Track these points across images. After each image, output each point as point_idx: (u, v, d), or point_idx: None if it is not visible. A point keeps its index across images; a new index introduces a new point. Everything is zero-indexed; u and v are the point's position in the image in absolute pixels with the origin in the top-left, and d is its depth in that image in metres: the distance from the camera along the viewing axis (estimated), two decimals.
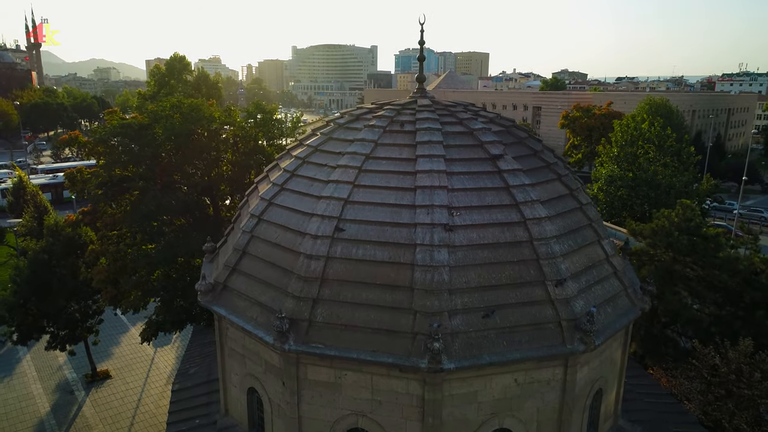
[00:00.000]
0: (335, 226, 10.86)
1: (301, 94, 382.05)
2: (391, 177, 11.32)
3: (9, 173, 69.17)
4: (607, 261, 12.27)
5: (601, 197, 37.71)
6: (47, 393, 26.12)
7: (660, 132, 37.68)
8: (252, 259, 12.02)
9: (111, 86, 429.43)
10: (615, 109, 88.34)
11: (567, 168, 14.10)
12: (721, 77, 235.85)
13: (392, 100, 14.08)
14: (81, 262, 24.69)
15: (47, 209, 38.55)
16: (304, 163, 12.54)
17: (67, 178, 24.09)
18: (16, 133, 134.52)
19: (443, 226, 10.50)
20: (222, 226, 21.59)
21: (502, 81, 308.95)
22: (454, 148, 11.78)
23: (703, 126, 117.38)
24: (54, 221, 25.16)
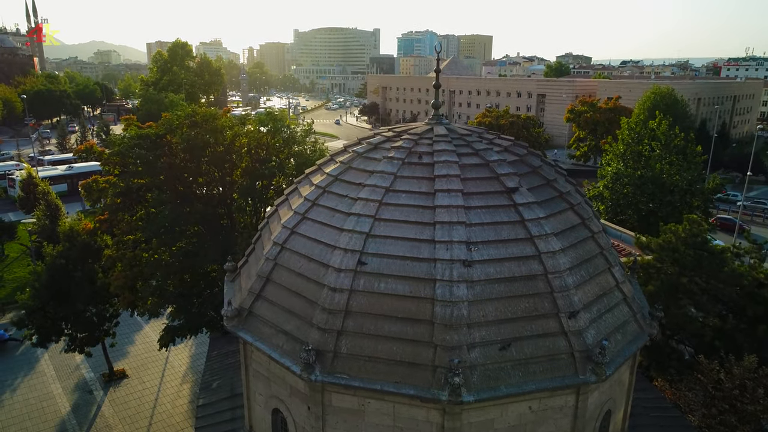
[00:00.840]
0: (358, 259, 11.33)
1: (303, 78, 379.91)
2: (410, 211, 11.75)
3: (17, 165, 69.62)
4: (617, 288, 12.74)
5: (606, 195, 38.11)
6: (66, 393, 26.89)
7: (667, 130, 37.88)
8: (276, 287, 12.52)
9: (112, 70, 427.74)
10: (620, 97, 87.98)
11: (578, 192, 14.55)
12: (727, 62, 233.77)
13: (409, 127, 14.41)
14: (98, 266, 25.25)
15: (59, 208, 39.08)
16: (325, 192, 12.96)
17: (83, 188, 24.52)
18: (20, 120, 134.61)
19: (462, 261, 10.97)
20: (237, 234, 22.11)
21: (505, 65, 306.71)
22: (471, 181, 12.18)
23: (708, 114, 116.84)
24: (70, 227, 25.62)
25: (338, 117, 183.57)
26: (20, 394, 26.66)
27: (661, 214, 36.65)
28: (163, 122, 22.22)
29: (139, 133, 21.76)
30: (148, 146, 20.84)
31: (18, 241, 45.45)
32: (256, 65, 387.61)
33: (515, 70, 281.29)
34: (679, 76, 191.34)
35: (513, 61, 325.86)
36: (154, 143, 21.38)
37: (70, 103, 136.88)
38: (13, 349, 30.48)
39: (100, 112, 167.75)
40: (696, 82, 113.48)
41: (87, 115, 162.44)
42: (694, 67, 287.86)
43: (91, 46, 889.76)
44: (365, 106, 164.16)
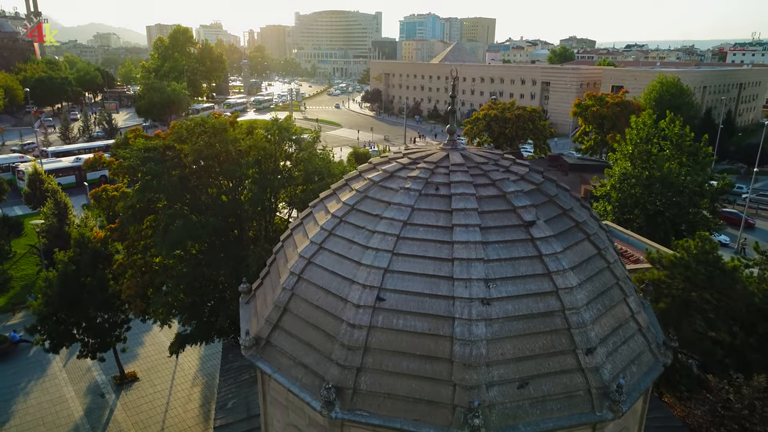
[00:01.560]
0: (377, 295, 11.40)
1: (305, 63, 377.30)
2: (428, 246, 11.79)
3: (20, 157, 69.54)
4: (633, 318, 12.83)
5: (614, 195, 38.04)
6: (79, 396, 27.25)
7: (679, 130, 37.68)
8: (294, 317, 12.62)
9: (112, 53, 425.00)
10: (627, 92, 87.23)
11: (595, 218, 14.57)
12: (733, 47, 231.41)
13: (425, 152, 14.35)
14: (109, 273, 25.40)
15: (67, 206, 39.14)
16: (342, 222, 13.00)
17: (93, 198, 24.53)
18: (22, 108, 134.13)
19: (480, 300, 11.03)
20: (247, 244, 22.19)
21: (509, 49, 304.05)
22: (488, 215, 12.20)
23: (713, 102, 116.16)
24: (80, 234, 25.71)
25: (338, 102, 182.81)
26: (34, 398, 27.02)
27: (669, 214, 36.68)
28: (173, 133, 22.17)
29: (147, 145, 21.69)
30: (158, 158, 20.82)
31: (25, 236, 45.69)
32: (257, 49, 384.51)
33: (519, 55, 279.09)
34: (685, 62, 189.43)
35: (516, 45, 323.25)
36: (164, 155, 21.36)
37: (72, 91, 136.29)
38: (25, 351, 30.80)
39: (102, 98, 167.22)
40: (702, 70, 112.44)
41: (88, 102, 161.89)
42: (700, 51, 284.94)
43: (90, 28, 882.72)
44: (368, 93, 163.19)
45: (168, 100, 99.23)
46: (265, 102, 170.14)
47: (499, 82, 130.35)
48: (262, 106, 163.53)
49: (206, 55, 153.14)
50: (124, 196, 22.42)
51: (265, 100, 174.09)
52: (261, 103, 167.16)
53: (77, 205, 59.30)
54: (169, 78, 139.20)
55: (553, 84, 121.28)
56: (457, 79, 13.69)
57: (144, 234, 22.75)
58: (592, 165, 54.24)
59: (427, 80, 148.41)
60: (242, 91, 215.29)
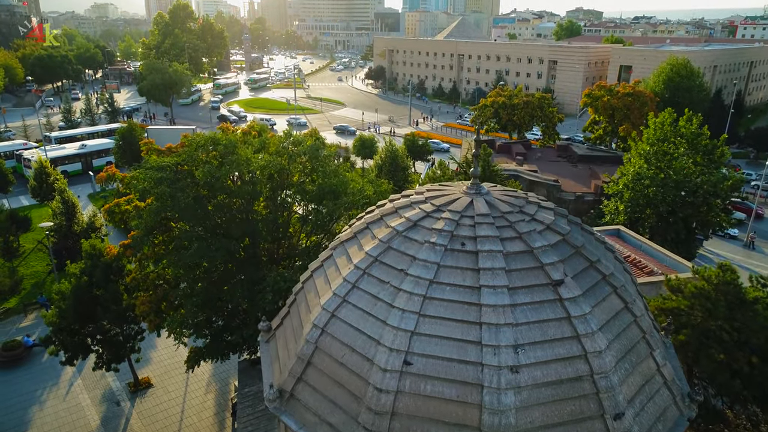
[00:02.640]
0: (403, 359, 11.31)
1: (306, 35, 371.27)
2: (456, 307, 11.63)
3: (24, 144, 68.98)
4: (659, 372, 12.75)
5: (626, 195, 37.66)
6: (95, 404, 27.54)
7: (696, 129, 37.07)
8: (318, 372, 12.56)
9: (110, 25, 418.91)
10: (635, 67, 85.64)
11: (619, 260, 14.37)
12: (744, 20, 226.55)
13: (448, 197, 14.01)
14: (121, 286, 25.38)
15: (75, 205, 38.96)
16: (365, 275, 12.81)
17: (106, 212, 24.32)
18: (22, 86, 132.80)
19: (509, 368, 10.93)
20: (263, 266, 22.07)
21: (514, 22, 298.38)
22: (516, 273, 12.00)
23: (723, 82, 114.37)
24: (91, 245, 25.59)
25: (341, 76, 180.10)
26: (50, 406, 27.32)
27: (682, 215, 36.40)
28: (185, 152, 21.71)
29: (160, 163, 21.33)
30: (171, 178, 20.50)
31: (33, 231, 45.63)
32: (258, 21, 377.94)
33: (524, 28, 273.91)
34: (694, 37, 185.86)
35: (522, 17, 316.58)
36: (177, 173, 21.03)
37: (72, 69, 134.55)
38: (39, 356, 31.04)
39: (102, 75, 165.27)
40: (712, 50, 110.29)
41: (88, 79, 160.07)
42: (710, 24, 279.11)
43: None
44: (371, 70, 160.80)
45: (170, 80, 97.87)
46: (261, 80, 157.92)
47: (505, 60, 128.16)
48: (257, 86, 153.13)
49: (207, 31, 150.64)
50: (138, 213, 22.16)
51: (260, 78, 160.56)
52: (256, 82, 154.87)
53: (84, 194, 59.22)
54: (170, 54, 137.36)
55: (560, 63, 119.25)
56: (478, 137, 13.24)
57: (158, 250, 22.64)
58: (602, 156, 53.57)
59: (431, 57, 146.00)
60: (243, 66, 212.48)
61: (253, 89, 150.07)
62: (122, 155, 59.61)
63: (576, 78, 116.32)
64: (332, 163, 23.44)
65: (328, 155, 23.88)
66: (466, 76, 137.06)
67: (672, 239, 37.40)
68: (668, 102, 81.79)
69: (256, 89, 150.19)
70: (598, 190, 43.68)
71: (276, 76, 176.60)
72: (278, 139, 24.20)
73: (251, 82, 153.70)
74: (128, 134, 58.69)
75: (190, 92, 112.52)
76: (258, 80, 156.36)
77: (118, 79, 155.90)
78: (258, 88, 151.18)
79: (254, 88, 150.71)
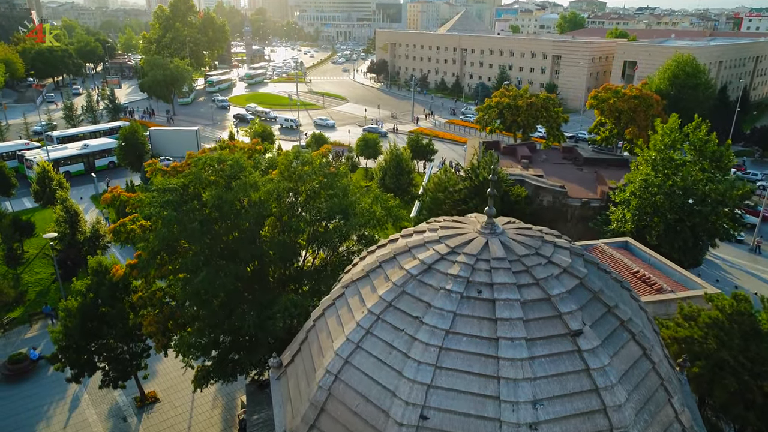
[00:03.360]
0: (420, 413, 11.13)
1: (307, 26, 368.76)
2: (473, 360, 11.43)
3: (26, 144, 68.64)
4: (677, 419, 12.56)
5: (634, 203, 37.35)
6: (101, 420, 27.51)
7: (704, 136, 36.68)
8: (331, 420, 12.39)
9: (110, 15, 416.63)
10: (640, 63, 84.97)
11: (635, 299, 14.17)
12: (749, 12, 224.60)
13: (463, 236, 13.76)
14: (127, 304, 25.22)
15: (78, 213, 38.76)
16: (379, 321, 12.61)
17: (111, 233, 24.09)
18: (23, 81, 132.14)
19: (528, 425, 10.76)
20: (271, 289, 21.88)
21: (517, 13, 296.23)
22: (533, 323, 11.79)
23: (728, 77, 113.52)
24: (98, 262, 25.40)
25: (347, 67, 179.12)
26: (57, 422, 27.27)
27: (690, 223, 36.14)
28: (192, 174, 21.38)
29: (165, 185, 21.02)
30: (177, 201, 20.23)
31: (37, 236, 45.46)
32: (258, 12, 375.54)
33: (528, 19, 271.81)
34: (698, 30, 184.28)
35: (525, 8, 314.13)
36: (183, 196, 20.77)
37: (72, 63, 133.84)
38: (45, 369, 30.96)
39: (103, 68, 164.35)
40: (717, 45, 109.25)
41: (89, 73, 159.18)
42: (714, 15, 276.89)
43: None
44: (373, 64, 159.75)
45: (171, 77, 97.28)
46: (257, 76, 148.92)
47: (508, 55, 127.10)
48: (254, 81, 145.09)
49: (208, 25, 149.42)
50: (144, 235, 21.92)
51: (257, 74, 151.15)
52: (252, 78, 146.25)
53: (86, 195, 58.99)
54: (171, 48, 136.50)
55: (564, 58, 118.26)
56: (496, 169, 12.96)
57: (164, 270, 22.45)
58: (608, 159, 53.18)
59: (434, 51, 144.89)
60: (244, 59, 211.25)
61: (250, 85, 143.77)
62: (125, 156, 59.28)
63: (580, 73, 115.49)
64: (342, 181, 23.10)
65: (339, 174, 23.56)
66: (469, 70, 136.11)
67: (679, 247, 37.18)
68: (674, 99, 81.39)
69: (252, 85, 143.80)
70: (605, 196, 43.33)
71: (274, 70, 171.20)
72: (286, 156, 23.84)
73: (247, 77, 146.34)
74: (131, 135, 58.32)
75: (192, 88, 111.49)
76: (254, 76, 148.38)
77: (119, 73, 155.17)
78: (254, 84, 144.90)
79: (251, 84, 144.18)
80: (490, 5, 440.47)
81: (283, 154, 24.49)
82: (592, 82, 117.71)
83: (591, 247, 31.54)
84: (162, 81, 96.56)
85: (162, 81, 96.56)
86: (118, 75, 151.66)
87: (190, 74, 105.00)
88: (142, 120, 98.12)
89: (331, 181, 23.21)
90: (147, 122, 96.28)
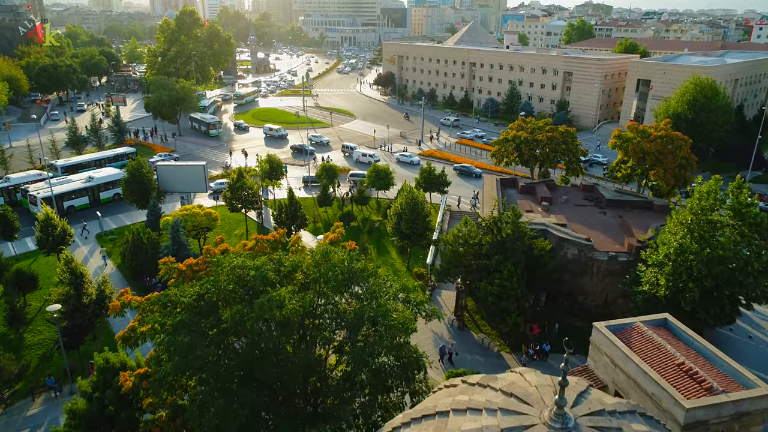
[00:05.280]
0: None
1: (312, 31, 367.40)
2: None
3: (38, 175, 67.12)
4: None
5: (668, 269, 35.33)
6: None
7: (744, 199, 34.65)
8: None
9: (114, 20, 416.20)
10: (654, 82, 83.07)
11: None
12: (759, 20, 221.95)
13: (525, 426, 11.88)
14: (137, 407, 23.46)
15: (83, 275, 37.07)
16: None
17: (121, 339, 22.31)
18: (27, 96, 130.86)
19: None
20: (291, 417, 20.05)
21: (523, 19, 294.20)
22: None
23: (743, 94, 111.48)
24: (104, 359, 23.64)
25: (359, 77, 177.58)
26: None
27: (728, 293, 34.23)
28: (209, 283, 19.48)
29: (180, 298, 19.18)
30: (192, 323, 18.34)
31: (40, 289, 43.85)
32: (263, 17, 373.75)
33: (535, 26, 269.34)
34: (710, 42, 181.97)
35: (531, 14, 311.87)
36: (198, 309, 18.93)
37: (77, 78, 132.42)
38: None
39: (107, 81, 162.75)
40: (734, 63, 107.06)
41: (94, 85, 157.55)
42: (723, 22, 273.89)
43: None
44: (380, 76, 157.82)
45: (176, 97, 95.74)
46: (248, 95, 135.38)
47: (518, 70, 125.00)
48: (244, 102, 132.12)
49: (214, 38, 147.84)
50: (158, 358, 20.00)
51: (248, 93, 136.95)
52: (243, 98, 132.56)
53: (92, 234, 57.22)
54: (176, 63, 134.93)
55: (575, 74, 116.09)
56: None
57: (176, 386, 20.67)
58: (632, 201, 51.18)
59: (442, 64, 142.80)
60: (248, 67, 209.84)
61: (240, 105, 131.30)
62: (130, 193, 57.57)
63: (592, 90, 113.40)
64: (372, 283, 21.21)
65: (367, 271, 21.64)
66: (479, 85, 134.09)
67: (716, 313, 35.30)
68: (691, 123, 79.32)
69: (242, 105, 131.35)
70: (633, 250, 41.38)
71: (268, 86, 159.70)
72: (309, 255, 21.97)
73: (237, 97, 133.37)
74: (136, 171, 56.64)
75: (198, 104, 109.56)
76: (245, 95, 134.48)
77: (123, 86, 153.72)
78: (245, 104, 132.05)
79: (241, 104, 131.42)
80: (495, 10, 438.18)
81: (308, 255, 22.54)
82: (605, 99, 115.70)
83: (629, 327, 29.58)
84: (168, 101, 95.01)
85: (168, 101, 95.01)
86: (122, 88, 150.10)
87: (196, 95, 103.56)
88: (146, 141, 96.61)
89: (359, 279, 21.37)
90: (152, 144, 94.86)
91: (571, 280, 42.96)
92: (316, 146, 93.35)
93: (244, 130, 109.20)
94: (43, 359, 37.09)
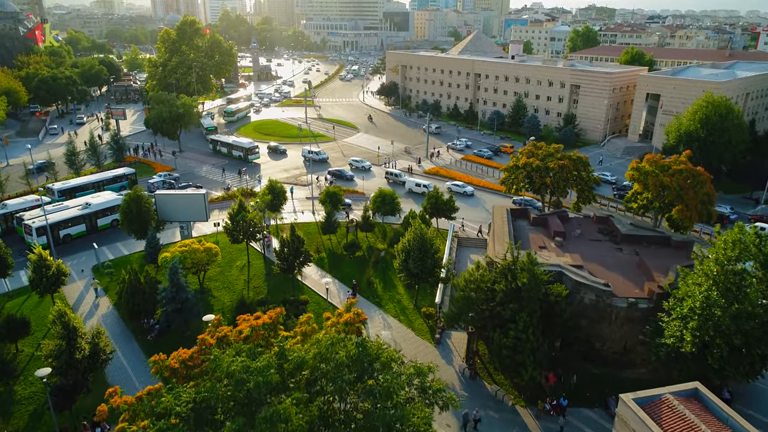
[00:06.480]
0: None
1: (314, 35, 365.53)
2: None
3: (37, 200, 65.30)
4: None
5: (693, 324, 33.37)
6: None
7: None
8: None
9: (116, 23, 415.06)
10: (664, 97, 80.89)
11: None
12: (766, 27, 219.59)
13: None
14: None
15: (77, 329, 35.22)
16: None
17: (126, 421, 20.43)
18: (25, 108, 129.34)
19: None
20: None
21: (526, 24, 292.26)
22: None
23: (755, 108, 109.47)
24: None
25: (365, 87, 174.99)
26: None
27: (759, 351, 32.31)
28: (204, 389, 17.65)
29: (173, 406, 17.28)
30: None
31: (33, 335, 42.07)
32: (264, 21, 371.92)
33: (538, 31, 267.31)
34: (718, 51, 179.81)
35: (535, 18, 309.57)
36: (196, 424, 17.08)
37: (77, 90, 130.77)
38: None
39: (107, 91, 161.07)
40: (746, 78, 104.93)
41: (93, 96, 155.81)
42: (729, 27, 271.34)
43: None
44: (383, 86, 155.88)
45: (177, 114, 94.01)
46: (239, 112, 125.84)
47: (524, 82, 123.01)
48: (234, 118, 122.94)
49: (215, 48, 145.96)
50: None
51: (238, 109, 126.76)
52: (233, 114, 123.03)
53: (87, 266, 55.34)
54: (177, 73, 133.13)
55: (583, 87, 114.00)
56: None
57: None
58: (650, 237, 49.19)
59: (446, 75, 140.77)
60: (251, 74, 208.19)
61: (230, 122, 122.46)
62: (129, 223, 55.65)
63: (600, 104, 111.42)
64: (383, 380, 19.27)
65: (384, 363, 19.67)
66: (484, 96, 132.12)
67: (745, 373, 33.40)
68: (703, 142, 77.28)
69: (232, 122, 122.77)
70: (654, 297, 39.37)
71: (261, 100, 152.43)
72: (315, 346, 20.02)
73: (227, 114, 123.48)
74: (135, 202, 54.74)
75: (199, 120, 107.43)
76: (236, 111, 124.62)
77: (124, 95, 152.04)
78: (236, 121, 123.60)
79: (231, 122, 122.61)
80: (498, 13, 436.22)
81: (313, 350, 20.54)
82: (613, 112, 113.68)
83: (658, 400, 27.63)
84: (168, 118, 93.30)
85: (168, 118, 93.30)
86: (123, 98, 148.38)
87: (196, 113, 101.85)
88: (146, 159, 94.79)
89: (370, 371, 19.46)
90: (152, 162, 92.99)
91: (588, 326, 40.95)
92: (356, 171, 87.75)
93: (282, 154, 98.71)
94: (34, 416, 35.18)
